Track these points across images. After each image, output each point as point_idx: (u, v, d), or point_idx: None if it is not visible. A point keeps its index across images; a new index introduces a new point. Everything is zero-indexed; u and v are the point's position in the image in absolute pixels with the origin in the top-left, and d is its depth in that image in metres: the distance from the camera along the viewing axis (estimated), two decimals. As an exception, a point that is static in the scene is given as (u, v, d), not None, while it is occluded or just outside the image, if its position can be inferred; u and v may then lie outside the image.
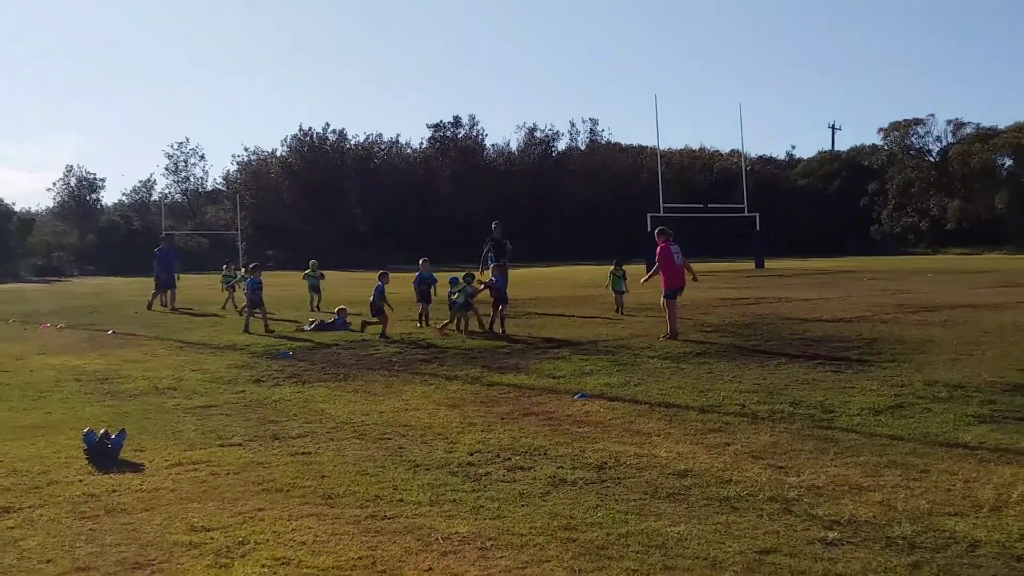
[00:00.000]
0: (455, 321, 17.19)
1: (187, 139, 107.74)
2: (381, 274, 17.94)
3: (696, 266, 17.42)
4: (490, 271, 18.58)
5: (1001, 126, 78.58)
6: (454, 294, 17.23)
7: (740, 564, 4.98)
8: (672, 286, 15.42)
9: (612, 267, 21.86)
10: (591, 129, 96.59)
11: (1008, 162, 78.12)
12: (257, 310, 18.52)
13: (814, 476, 6.70)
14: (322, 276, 25.21)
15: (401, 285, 21.11)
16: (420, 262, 19.51)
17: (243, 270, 25.16)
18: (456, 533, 5.60)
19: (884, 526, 5.55)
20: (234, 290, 24.94)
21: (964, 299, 22.40)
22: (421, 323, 18.26)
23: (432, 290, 19.25)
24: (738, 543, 5.30)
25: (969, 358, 12.33)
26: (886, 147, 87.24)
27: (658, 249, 15.76)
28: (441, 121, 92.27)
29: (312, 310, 22.98)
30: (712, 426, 8.55)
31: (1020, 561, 4.92)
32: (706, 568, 4.93)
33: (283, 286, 28.54)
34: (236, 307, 22.96)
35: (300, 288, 26.81)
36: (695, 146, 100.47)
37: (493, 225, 21.55)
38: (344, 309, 18.68)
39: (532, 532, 5.58)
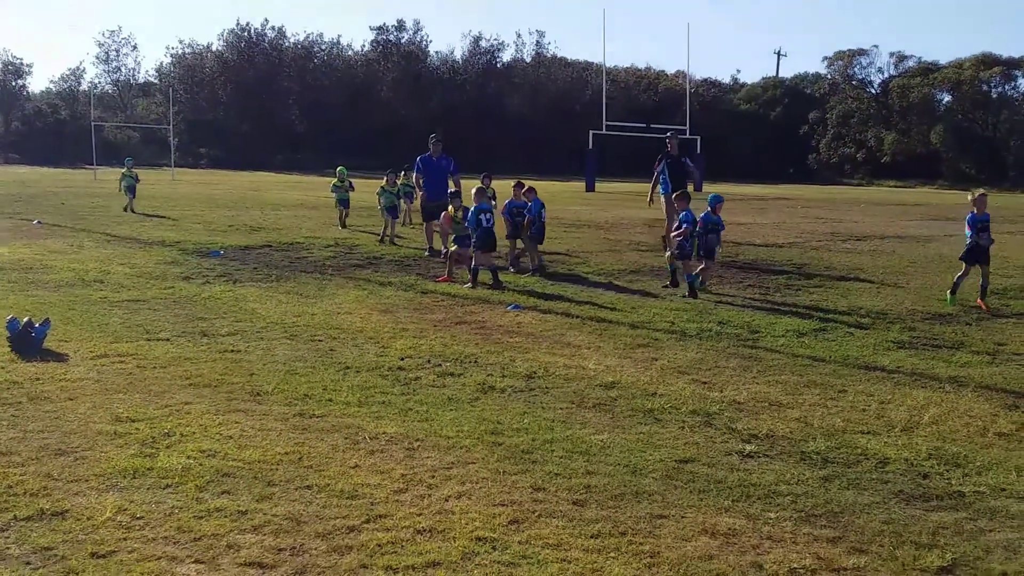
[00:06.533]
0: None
1: (119, 27, 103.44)
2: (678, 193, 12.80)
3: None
4: (662, 201, 14.21)
5: (942, 61, 79.43)
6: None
7: (659, 471, 5.11)
8: None
9: (384, 183, 18.14)
10: (537, 42, 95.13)
11: (946, 98, 78.97)
12: (523, 253, 13.64)
13: (736, 392, 6.87)
14: (351, 187, 20.26)
15: (315, 189, 20.37)
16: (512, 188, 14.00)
17: (399, 178, 19.50)
18: (384, 433, 5.64)
19: (800, 441, 5.73)
20: (396, 213, 18.44)
21: (894, 230, 22.89)
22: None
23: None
24: (659, 452, 5.43)
25: (893, 287, 12.65)
26: (829, 76, 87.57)
27: None
28: (384, 24, 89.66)
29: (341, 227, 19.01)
30: (641, 341, 8.67)
31: (926, 478, 5.12)
32: (627, 474, 5.05)
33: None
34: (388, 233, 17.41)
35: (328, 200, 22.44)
36: (641, 65, 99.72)
37: (667, 136, 16.21)
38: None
39: (459, 435, 5.65)
